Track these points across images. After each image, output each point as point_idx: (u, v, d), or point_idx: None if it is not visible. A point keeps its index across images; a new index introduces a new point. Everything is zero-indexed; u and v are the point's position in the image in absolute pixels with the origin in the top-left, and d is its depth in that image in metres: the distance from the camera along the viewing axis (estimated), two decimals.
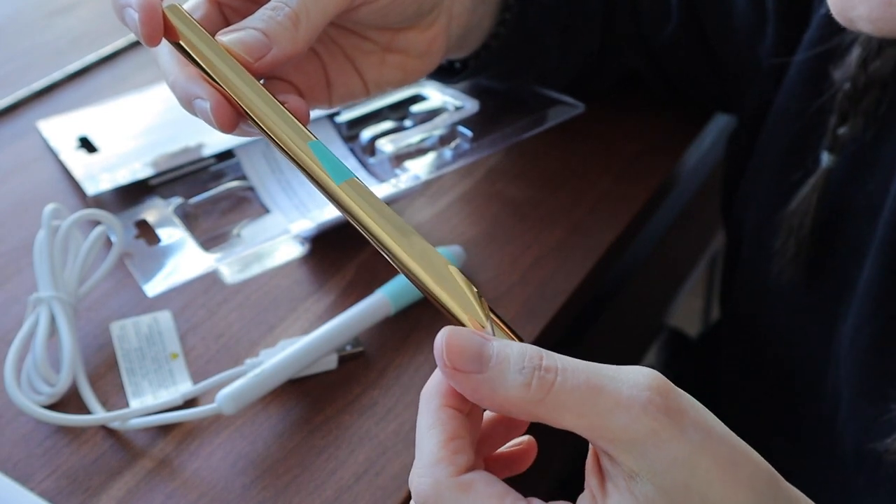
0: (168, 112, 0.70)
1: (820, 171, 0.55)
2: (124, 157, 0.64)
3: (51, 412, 0.48)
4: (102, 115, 0.70)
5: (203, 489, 0.47)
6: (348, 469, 0.48)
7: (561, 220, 0.63)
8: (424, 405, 0.33)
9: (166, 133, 0.66)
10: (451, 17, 0.52)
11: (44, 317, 0.51)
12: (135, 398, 0.51)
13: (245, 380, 0.49)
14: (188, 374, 0.52)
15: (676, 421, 0.31)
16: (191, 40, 0.40)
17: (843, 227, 0.55)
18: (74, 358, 0.50)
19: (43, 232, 0.53)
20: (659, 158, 0.69)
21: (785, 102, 0.59)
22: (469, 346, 0.32)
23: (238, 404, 0.48)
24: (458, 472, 0.32)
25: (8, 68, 0.77)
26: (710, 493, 0.31)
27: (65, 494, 0.46)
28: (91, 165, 0.64)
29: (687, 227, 0.87)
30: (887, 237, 0.51)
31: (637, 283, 0.78)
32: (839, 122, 0.54)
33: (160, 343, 0.54)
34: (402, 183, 0.58)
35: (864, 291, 0.52)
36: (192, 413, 0.48)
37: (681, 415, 0.31)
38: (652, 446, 0.31)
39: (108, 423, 0.49)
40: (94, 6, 0.85)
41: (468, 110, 0.64)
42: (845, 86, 0.53)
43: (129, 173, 0.62)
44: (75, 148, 0.66)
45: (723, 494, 0.31)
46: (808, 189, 0.56)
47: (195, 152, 0.64)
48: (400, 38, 0.49)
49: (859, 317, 0.53)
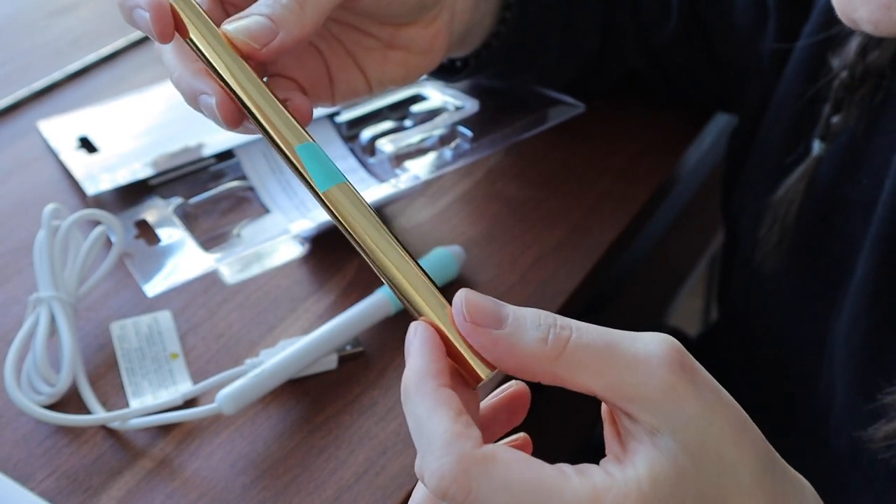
0: (168, 112, 0.70)
1: (810, 160, 0.55)
2: (124, 157, 0.64)
3: (51, 412, 0.48)
4: (102, 115, 0.70)
5: (203, 489, 0.47)
6: (348, 469, 0.48)
7: (561, 220, 0.63)
8: (416, 391, 0.33)
9: (166, 133, 0.66)
10: (454, 13, 0.52)
11: (44, 317, 0.51)
12: (135, 398, 0.51)
13: (245, 380, 0.49)
14: (188, 374, 0.52)
15: (691, 378, 0.32)
16: (199, 32, 0.40)
17: (835, 220, 0.55)
18: (74, 358, 0.50)
19: (43, 232, 0.53)
20: (659, 158, 0.69)
21: (784, 91, 0.59)
22: (487, 303, 0.33)
23: (238, 404, 0.48)
24: (478, 445, 0.31)
25: (8, 68, 0.77)
26: (724, 451, 0.31)
27: (65, 494, 0.46)
28: (91, 165, 0.64)
29: (687, 227, 0.87)
30: (881, 233, 0.51)
31: (637, 283, 0.78)
32: (833, 110, 0.54)
33: (160, 343, 0.54)
34: (402, 183, 0.58)
35: (858, 287, 0.52)
36: (192, 413, 0.48)
37: (694, 373, 0.32)
38: (670, 402, 0.31)
39: (108, 423, 0.49)
40: (95, 6, 0.85)
41: (468, 110, 0.64)
42: (842, 74, 0.53)
43: (129, 173, 0.62)
44: (75, 148, 0.66)
45: (735, 455, 0.32)
46: (797, 176, 0.56)
47: (195, 152, 0.64)
48: (402, 34, 0.49)
49: (853, 313, 0.53)
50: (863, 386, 0.52)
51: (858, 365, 0.52)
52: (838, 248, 0.55)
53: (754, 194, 0.62)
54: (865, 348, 0.52)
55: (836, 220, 0.55)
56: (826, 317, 0.56)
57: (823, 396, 0.57)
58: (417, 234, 0.51)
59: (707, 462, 0.31)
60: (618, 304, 0.73)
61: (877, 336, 0.51)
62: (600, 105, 0.68)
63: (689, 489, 0.31)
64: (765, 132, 0.61)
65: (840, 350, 0.54)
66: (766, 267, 0.58)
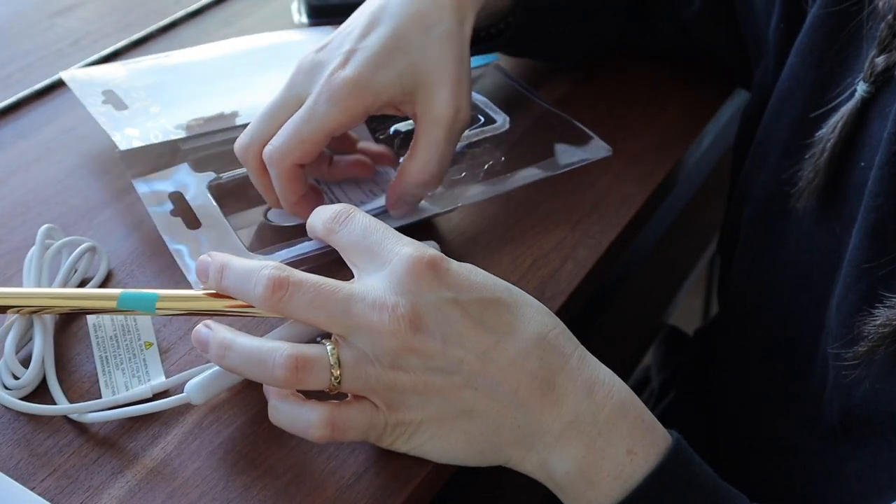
0: (200, 71, 0.69)
1: (856, 99, 0.53)
2: (155, 115, 0.63)
3: (19, 401, 0.49)
4: (129, 72, 0.69)
5: (204, 489, 0.47)
6: (348, 469, 0.48)
7: (561, 220, 0.63)
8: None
9: (199, 92, 0.66)
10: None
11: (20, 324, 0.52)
12: (107, 389, 0.51)
13: (214, 370, 0.49)
14: (161, 365, 0.53)
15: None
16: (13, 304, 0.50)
17: (850, 175, 0.55)
18: (46, 355, 0.51)
19: (35, 249, 0.55)
20: (659, 158, 0.69)
21: (810, 31, 0.58)
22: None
23: (207, 394, 0.48)
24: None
25: (9, 69, 0.77)
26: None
27: (65, 494, 0.46)
28: (120, 119, 0.63)
29: (687, 227, 0.87)
30: (870, 203, 0.51)
31: (637, 283, 0.78)
32: (879, 51, 0.52)
33: (135, 332, 0.54)
34: (438, 206, 0.60)
35: (850, 257, 0.52)
36: (161, 404, 0.49)
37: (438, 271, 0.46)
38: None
39: (70, 414, 0.49)
40: (96, 7, 0.85)
41: (498, 126, 0.65)
42: (888, 16, 0.52)
43: (161, 133, 0.61)
44: (101, 102, 0.65)
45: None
46: (839, 116, 0.54)
47: (230, 119, 0.63)
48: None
49: (844, 283, 0.53)
50: (851, 357, 0.52)
51: (847, 336, 0.53)
52: (847, 210, 0.54)
53: (780, 145, 0.61)
54: (854, 317, 0.52)
55: (849, 175, 0.55)
56: (828, 289, 0.56)
57: (819, 373, 0.57)
58: (417, 234, 0.51)
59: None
60: (618, 303, 0.73)
61: (865, 305, 0.51)
62: (600, 105, 0.68)
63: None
64: (793, 78, 0.60)
65: (832, 322, 0.54)
66: (800, 203, 0.57)
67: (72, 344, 0.53)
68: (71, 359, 0.53)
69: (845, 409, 0.54)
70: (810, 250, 0.58)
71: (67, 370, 0.52)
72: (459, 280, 0.46)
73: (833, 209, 0.56)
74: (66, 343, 0.53)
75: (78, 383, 0.51)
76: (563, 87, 0.74)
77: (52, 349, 0.52)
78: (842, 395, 0.54)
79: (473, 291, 0.46)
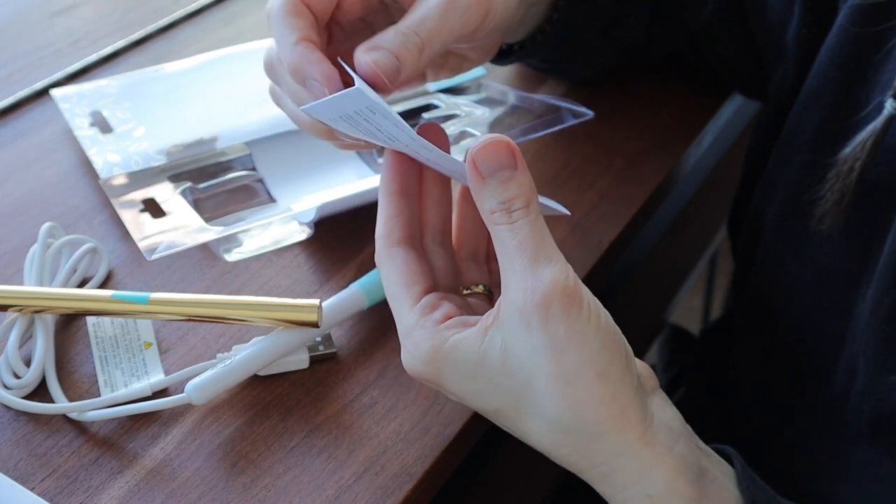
0: (185, 92, 0.70)
1: (884, 116, 0.52)
2: (139, 139, 0.64)
3: (21, 400, 0.49)
4: (118, 89, 0.70)
5: (204, 489, 0.47)
6: (348, 469, 0.48)
7: (561, 220, 0.63)
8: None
9: (181, 117, 0.67)
10: (512, 20, 0.55)
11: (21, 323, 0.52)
12: (106, 388, 0.51)
13: (215, 370, 0.49)
14: (161, 364, 0.53)
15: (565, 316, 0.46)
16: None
17: (876, 190, 0.54)
18: (47, 356, 0.51)
19: (37, 246, 0.55)
20: (659, 158, 0.69)
21: (837, 47, 0.58)
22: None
23: (208, 394, 0.48)
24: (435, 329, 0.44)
25: (9, 69, 0.77)
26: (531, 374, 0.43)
27: (64, 494, 0.46)
28: (105, 145, 0.64)
29: (687, 227, 0.87)
30: None
31: (637, 283, 0.78)
32: None
33: (134, 332, 0.54)
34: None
35: (886, 263, 0.52)
36: (162, 403, 0.49)
37: (568, 314, 0.46)
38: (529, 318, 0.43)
39: (69, 413, 0.49)
40: (95, 7, 0.85)
41: (478, 117, 0.64)
42: None
43: (143, 160, 0.62)
44: (89, 125, 0.66)
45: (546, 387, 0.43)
46: (867, 134, 0.53)
47: (209, 145, 0.64)
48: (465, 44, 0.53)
49: (879, 288, 0.52)
50: (888, 360, 0.52)
51: (884, 340, 0.52)
52: (877, 215, 0.54)
53: (801, 161, 0.60)
54: (891, 322, 0.52)
55: (876, 190, 0.54)
56: (854, 294, 0.56)
57: (843, 377, 0.57)
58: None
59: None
60: (618, 303, 0.73)
61: None
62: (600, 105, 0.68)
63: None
64: (811, 96, 0.60)
65: (864, 327, 0.54)
66: (823, 225, 0.56)
67: (71, 344, 0.53)
68: (70, 359, 0.53)
69: (877, 414, 0.53)
70: (832, 254, 0.58)
71: (67, 370, 0.52)
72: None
73: (861, 218, 0.55)
74: (65, 343, 0.54)
75: (77, 383, 0.51)
76: (562, 88, 0.74)
77: (53, 349, 0.52)
78: (874, 400, 0.53)
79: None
